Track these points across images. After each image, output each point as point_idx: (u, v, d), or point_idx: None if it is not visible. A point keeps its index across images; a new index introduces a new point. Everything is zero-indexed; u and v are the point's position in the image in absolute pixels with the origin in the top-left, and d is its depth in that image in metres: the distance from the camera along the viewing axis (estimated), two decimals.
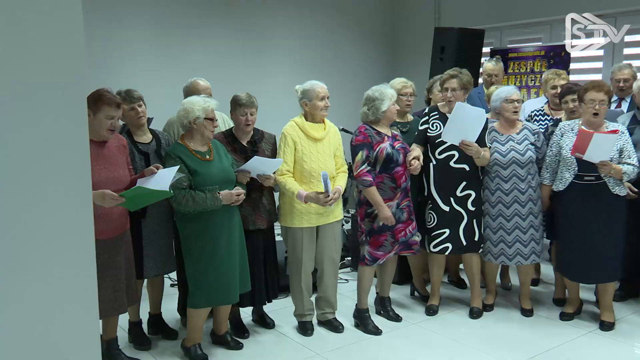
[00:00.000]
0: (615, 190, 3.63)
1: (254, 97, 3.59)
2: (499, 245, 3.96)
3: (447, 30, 6.23)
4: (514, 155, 3.86)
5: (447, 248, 3.93)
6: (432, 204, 3.93)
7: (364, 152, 3.64)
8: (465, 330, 3.85)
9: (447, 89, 3.86)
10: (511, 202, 3.89)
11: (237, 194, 3.25)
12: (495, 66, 5.02)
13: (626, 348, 3.59)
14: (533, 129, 3.97)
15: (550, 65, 5.87)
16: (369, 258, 3.74)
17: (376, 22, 8.03)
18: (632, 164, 3.60)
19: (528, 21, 6.75)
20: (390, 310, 4.04)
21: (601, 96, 3.60)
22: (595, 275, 3.79)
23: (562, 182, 3.77)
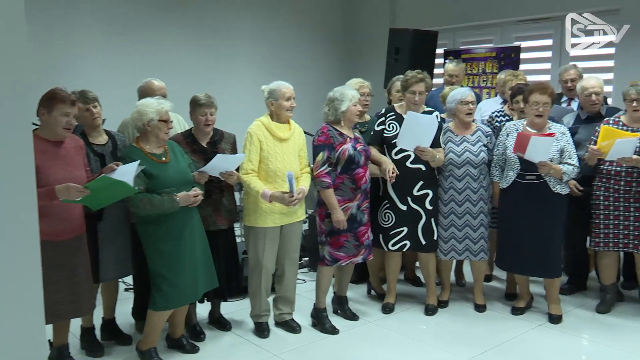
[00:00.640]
0: (556, 189, 3.75)
1: (213, 97, 3.57)
2: (449, 242, 4.04)
3: (401, 31, 6.31)
4: (468, 155, 3.94)
5: (405, 245, 3.98)
6: (389, 203, 3.97)
7: (325, 152, 3.66)
8: (420, 327, 3.91)
9: (415, 92, 3.90)
10: (463, 201, 3.97)
11: (195, 195, 3.23)
12: (457, 67, 5.11)
13: (574, 340, 3.72)
14: (486, 131, 4.06)
15: (501, 66, 6.02)
16: (329, 259, 3.76)
17: (332, 23, 8.08)
18: (572, 164, 3.73)
19: (480, 23, 6.91)
20: (347, 309, 4.07)
21: (545, 98, 3.72)
22: (530, 268, 3.91)
23: (506, 180, 3.88)
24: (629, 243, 3.89)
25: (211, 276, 3.44)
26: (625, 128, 3.82)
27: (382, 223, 4.01)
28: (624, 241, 3.89)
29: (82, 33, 5.82)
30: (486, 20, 6.80)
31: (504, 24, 6.74)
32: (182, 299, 3.31)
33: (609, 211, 3.89)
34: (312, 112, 6.26)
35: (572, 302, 4.26)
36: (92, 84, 3.80)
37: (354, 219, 3.72)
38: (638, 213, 3.82)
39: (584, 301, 4.29)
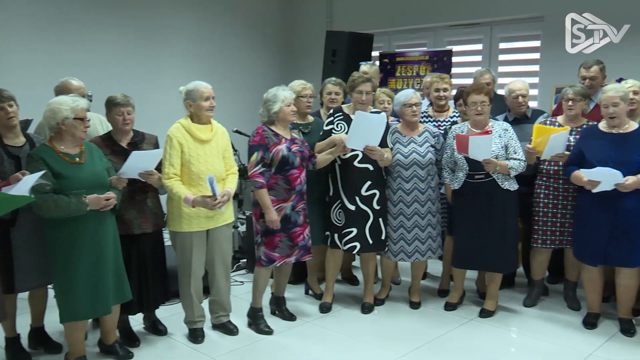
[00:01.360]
0: (504, 186, 3.88)
1: (129, 96, 3.48)
2: (399, 243, 4.10)
3: (338, 34, 6.40)
4: (415, 156, 4.01)
5: (355, 247, 4.01)
6: (340, 203, 4.00)
7: (259, 153, 3.65)
8: (357, 325, 3.96)
9: (362, 92, 3.93)
10: (411, 202, 4.05)
11: (107, 198, 3.08)
12: (371, 69, 5.16)
13: (504, 333, 3.87)
14: (434, 132, 4.14)
15: (434, 69, 6.19)
16: (265, 259, 3.75)
17: (270, 24, 8.07)
18: (518, 158, 3.86)
19: (414, 27, 7.07)
20: (285, 310, 4.08)
21: (482, 97, 3.85)
22: (487, 264, 4.03)
23: (457, 181, 3.98)
24: (563, 240, 4.06)
25: (123, 288, 3.27)
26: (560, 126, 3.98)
27: (336, 222, 4.04)
28: (560, 238, 4.06)
29: (8, 29, 5.57)
30: (420, 24, 6.97)
31: (436, 28, 6.93)
32: (86, 311, 3.13)
33: (549, 209, 4.05)
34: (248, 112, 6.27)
35: (501, 296, 4.40)
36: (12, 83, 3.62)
37: (288, 220, 3.73)
38: (573, 210, 3.98)
39: (512, 295, 4.47)
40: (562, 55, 5.68)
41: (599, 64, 4.32)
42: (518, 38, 6.44)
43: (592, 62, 4.34)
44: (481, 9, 6.42)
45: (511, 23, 6.34)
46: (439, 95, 4.47)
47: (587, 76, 4.31)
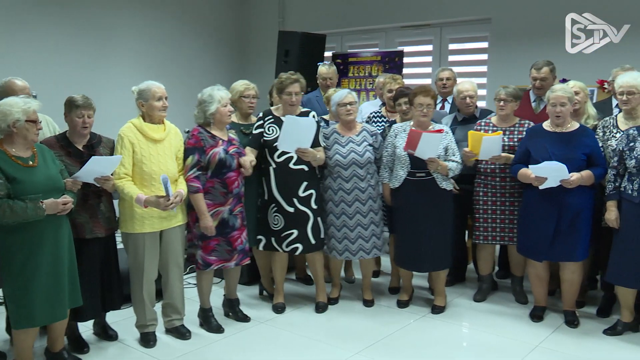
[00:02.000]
0: (442, 185, 3.97)
1: (90, 99, 3.41)
2: (343, 242, 4.14)
3: (290, 34, 6.40)
4: (353, 156, 4.05)
5: (297, 248, 4.02)
6: (277, 206, 4.00)
7: (195, 156, 3.61)
8: (311, 325, 3.97)
9: (291, 94, 3.94)
10: (353, 201, 4.09)
11: (64, 202, 3.01)
12: (329, 70, 5.21)
13: (455, 328, 3.95)
14: (371, 131, 4.19)
15: (386, 69, 6.26)
16: (202, 263, 3.72)
17: (223, 24, 8.01)
18: (456, 160, 3.96)
19: (366, 28, 7.15)
20: (238, 311, 4.06)
21: (428, 100, 3.93)
22: (427, 264, 4.12)
23: (397, 179, 4.04)
24: (504, 236, 4.17)
25: (75, 294, 3.20)
26: (495, 129, 4.11)
27: (273, 226, 4.03)
28: (501, 234, 4.17)
29: None
30: (372, 25, 7.05)
31: (388, 29, 7.02)
32: (42, 316, 3.05)
33: (488, 206, 4.16)
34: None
35: (453, 292, 4.51)
36: None
37: (225, 224, 3.70)
38: (512, 207, 4.11)
39: (463, 291, 4.57)
40: (509, 56, 5.86)
41: (549, 65, 4.44)
42: (467, 39, 6.59)
43: (542, 63, 4.45)
44: (431, 11, 6.54)
45: (460, 25, 6.49)
46: (392, 95, 4.53)
47: (538, 77, 4.43)
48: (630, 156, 3.48)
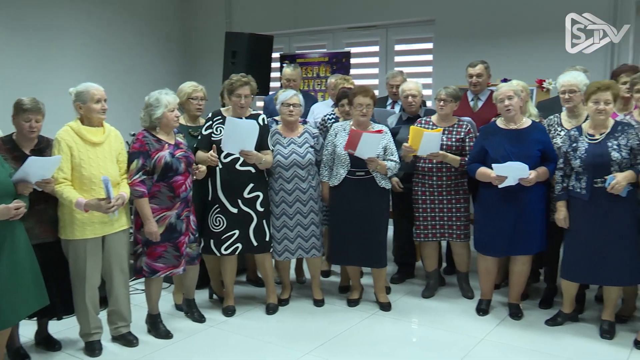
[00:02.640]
0: (381, 184, 4.04)
1: (41, 103, 3.31)
2: (282, 243, 4.14)
3: (237, 35, 6.34)
4: (295, 157, 4.07)
5: (237, 248, 4.01)
6: (220, 207, 3.97)
7: (140, 160, 3.55)
8: (262, 327, 3.96)
9: (240, 96, 3.92)
10: (293, 201, 4.10)
11: (16, 207, 2.94)
12: (293, 71, 5.21)
13: (405, 324, 4.01)
14: (313, 133, 4.22)
15: (334, 70, 6.31)
16: (147, 270, 3.66)
17: (168, 25, 7.89)
18: (394, 160, 4.04)
19: (313, 29, 7.17)
20: (195, 311, 4.03)
21: (367, 100, 3.98)
22: (363, 260, 4.16)
23: (337, 177, 4.07)
24: (444, 233, 4.27)
25: (40, 293, 3.16)
26: (435, 127, 4.19)
27: (213, 228, 4.00)
28: (441, 231, 4.26)
29: None
30: (319, 26, 7.08)
31: (335, 30, 7.06)
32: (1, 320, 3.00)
33: (427, 205, 4.24)
34: None
35: (402, 289, 4.58)
36: None
37: (173, 229, 3.65)
38: (450, 205, 4.20)
39: (412, 288, 4.64)
40: (453, 57, 5.98)
41: (484, 63, 4.62)
42: (412, 40, 6.70)
43: (477, 61, 4.65)
44: (377, 12, 6.61)
45: (405, 26, 6.58)
46: None
47: (474, 74, 4.60)
48: (574, 156, 3.59)
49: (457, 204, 4.19)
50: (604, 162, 3.48)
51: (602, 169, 3.48)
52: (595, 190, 3.51)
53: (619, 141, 3.49)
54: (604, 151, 3.49)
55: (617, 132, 3.53)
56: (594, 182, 3.51)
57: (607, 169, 3.47)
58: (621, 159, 3.45)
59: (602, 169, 3.48)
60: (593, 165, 3.50)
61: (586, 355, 3.48)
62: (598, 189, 3.50)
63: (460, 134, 4.15)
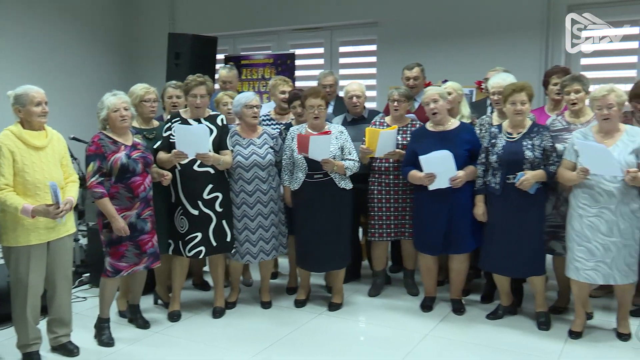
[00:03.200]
0: (341, 185, 4.06)
1: None
2: (244, 245, 4.12)
3: (181, 36, 6.29)
4: (255, 158, 4.06)
5: (200, 252, 3.98)
6: (182, 209, 3.95)
7: (96, 162, 3.51)
8: (209, 331, 3.92)
9: (196, 96, 3.89)
10: (254, 203, 4.09)
11: None
12: (229, 73, 5.18)
13: (352, 323, 4.06)
14: (272, 134, 4.22)
15: (279, 72, 6.32)
16: (111, 270, 3.61)
17: (109, 26, 7.73)
18: (352, 159, 4.07)
19: (258, 30, 7.16)
20: (139, 317, 3.97)
21: (319, 102, 4.01)
22: (329, 264, 4.19)
23: (296, 181, 4.08)
24: (398, 232, 4.33)
25: None
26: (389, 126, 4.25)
27: (179, 229, 3.98)
28: (395, 230, 4.32)
29: None
30: (264, 27, 7.07)
31: (280, 32, 7.08)
32: None
33: (382, 204, 4.29)
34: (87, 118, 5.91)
35: (348, 289, 4.61)
36: None
37: (134, 228, 3.61)
38: (405, 204, 4.27)
39: (359, 287, 4.69)
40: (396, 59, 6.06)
41: (419, 66, 4.76)
42: (356, 42, 6.79)
43: (413, 64, 4.77)
44: (321, 14, 6.67)
45: (349, 28, 6.67)
46: (284, 97, 4.57)
47: (411, 76, 4.72)
48: (492, 152, 3.75)
49: (411, 202, 4.25)
50: (518, 160, 3.64)
51: (516, 166, 3.65)
52: (507, 185, 3.68)
53: (534, 141, 3.66)
54: (519, 149, 3.65)
55: (533, 133, 3.70)
56: (507, 178, 3.68)
57: (520, 166, 3.64)
58: (534, 158, 3.62)
59: (516, 166, 3.65)
60: (508, 162, 3.67)
61: (524, 346, 3.61)
62: (510, 185, 3.67)
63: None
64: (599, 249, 3.46)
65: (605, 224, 3.44)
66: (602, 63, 5.57)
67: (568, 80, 3.82)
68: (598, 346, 3.57)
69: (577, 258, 3.53)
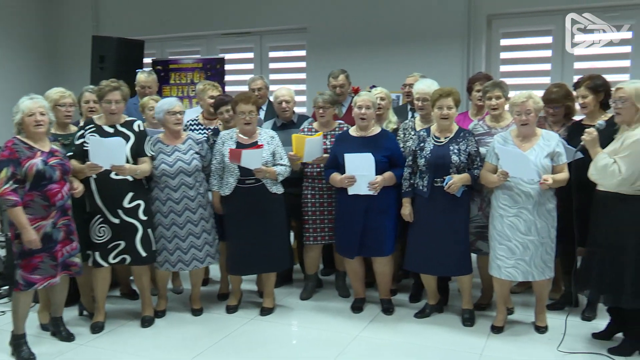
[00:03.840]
0: (273, 190, 4.07)
1: None
2: (175, 253, 4.05)
3: (105, 39, 6.13)
4: (180, 165, 3.99)
5: (125, 259, 3.88)
6: (102, 218, 3.83)
7: (9, 169, 3.35)
8: (137, 341, 3.83)
9: (111, 101, 3.80)
10: (182, 210, 4.02)
11: None
12: (148, 77, 5.08)
13: (284, 327, 4.08)
14: (197, 139, 4.16)
15: (208, 76, 6.26)
16: (23, 283, 3.44)
17: (30, 28, 7.43)
18: (284, 164, 4.09)
19: (186, 34, 7.07)
20: (63, 330, 3.82)
21: (250, 107, 4.00)
22: (262, 266, 4.18)
23: (227, 187, 4.05)
24: (331, 235, 4.35)
25: None
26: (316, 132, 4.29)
27: (97, 239, 3.84)
28: (329, 234, 4.36)
29: None
30: (192, 32, 6.99)
31: (209, 36, 7.01)
32: None
33: (316, 208, 4.33)
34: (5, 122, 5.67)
35: (280, 293, 4.63)
36: None
37: (49, 238, 3.47)
38: (332, 207, 4.30)
39: (291, 291, 4.72)
40: (326, 64, 6.15)
41: (344, 73, 4.85)
42: (286, 47, 6.83)
43: (338, 72, 4.84)
44: (251, 19, 6.67)
45: (279, 33, 6.70)
46: (212, 102, 4.53)
47: (336, 84, 4.82)
48: (420, 155, 3.88)
49: None
50: (445, 164, 3.79)
51: (442, 170, 3.80)
52: (435, 188, 3.82)
53: (460, 146, 3.82)
54: (446, 153, 3.80)
55: (459, 138, 3.85)
56: (434, 181, 3.82)
57: (447, 170, 3.79)
58: (459, 162, 3.78)
59: (442, 170, 3.80)
60: (435, 165, 3.81)
61: (450, 342, 3.74)
62: (437, 188, 3.81)
63: None
64: (518, 248, 3.64)
65: (524, 224, 3.62)
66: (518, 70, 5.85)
67: (490, 86, 4.02)
68: (518, 339, 3.75)
69: (498, 256, 3.70)
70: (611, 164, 3.26)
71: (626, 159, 3.22)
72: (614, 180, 3.26)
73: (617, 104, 3.32)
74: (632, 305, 3.30)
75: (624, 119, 3.32)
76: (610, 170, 3.26)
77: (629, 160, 3.21)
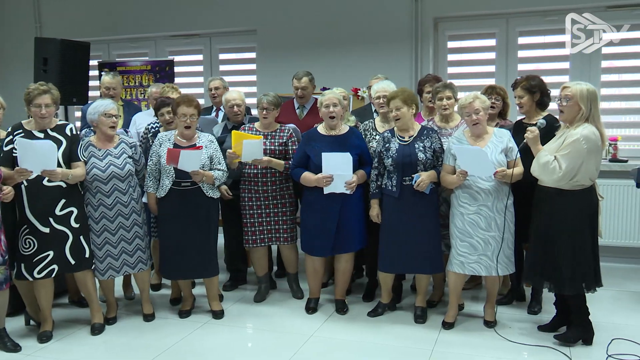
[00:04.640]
0: (209, 194, 4.05)
1: None
2: (106, 260, 3.97)
3: (48, 41, 5.93)
4: (113, 169, 3.90)
5: (53, 270, 3.75)
6: (29, 228, 3.69)
7: None
8: (86, 349, 3.74)
9: (40, 106, 3.67)
10: (115, 216, 3.94)
11: None
12: (113, 79, 4.99)
13: (239, 330, 4.05)
14: (130, 142, 4.09)
15: (157, 79, 6.17)
16: None
17: None
18: (221, 169, 4.08)
19: (134, 36, 6.93)
20: (8, 341, 3.69)
21: (191, 110, 3.97)
22: (194, 271, 4.13)
23: (163, 188, 4.01)
24: (272, 237, 4.38)
25: None
26: (257, 133, 4.28)
27: (23, 251, 3.70)
28: (269, 236, 4.36)
29: None
30: (140, 33, 6.86)
31: (157, 38, 6.90)
32: None
33: (254, 210, 4.32)
34: None
35: (234, 296, 4.61)
36: None
37: None
38: (277, 209, 4.32)
39: (244, 294, 4.70)
40: (276, 66, 6.19)
41: (308, 75, 4.83)
42: (236, 50, 6.79)
43: (302, 73, 4.82)
44: (200, 21, 6.59)
45: (228, 35, 6.64)
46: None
47: (300, 86, 4.79)
48: (387, 156, 3.92)
49: (283, 207, 4.32)
50: (412, 162, 3.85)
51: (410, 168, 3.86)
52: (404, 187, 3.87)
53: (425, 143, 3.89)
54: (412, 152, 3.86)
55: (423, 136, 3.93)
56: (403, 180, 3.87)
57: (414, 168, 3.85)
58: (425, 160, 3.85)
59: (410, 168, 3.86)
60: (402, 164, 3.86)
61: (403, 339, 3.80)
62: (406, 187, 3.86)
63: (283, 139, 4.30)
64: (480, 244, 3.75)
65: (484, 220, 3.73)
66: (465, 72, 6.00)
67: (440, 87, 4.13)
68: (468, 334, 3.85)
69: (461, 253, 3.80)
70: (552, 161, 3.40)
71: (566, 156, 3.37)
72: (555, 176, 3.41)
73: (562, 102, 3.46)
74: (571, 291, 3.47)
75: (567, 117, 3.47)
76: (551, 167, 3.40)
77: (568, 158, 3.36)
